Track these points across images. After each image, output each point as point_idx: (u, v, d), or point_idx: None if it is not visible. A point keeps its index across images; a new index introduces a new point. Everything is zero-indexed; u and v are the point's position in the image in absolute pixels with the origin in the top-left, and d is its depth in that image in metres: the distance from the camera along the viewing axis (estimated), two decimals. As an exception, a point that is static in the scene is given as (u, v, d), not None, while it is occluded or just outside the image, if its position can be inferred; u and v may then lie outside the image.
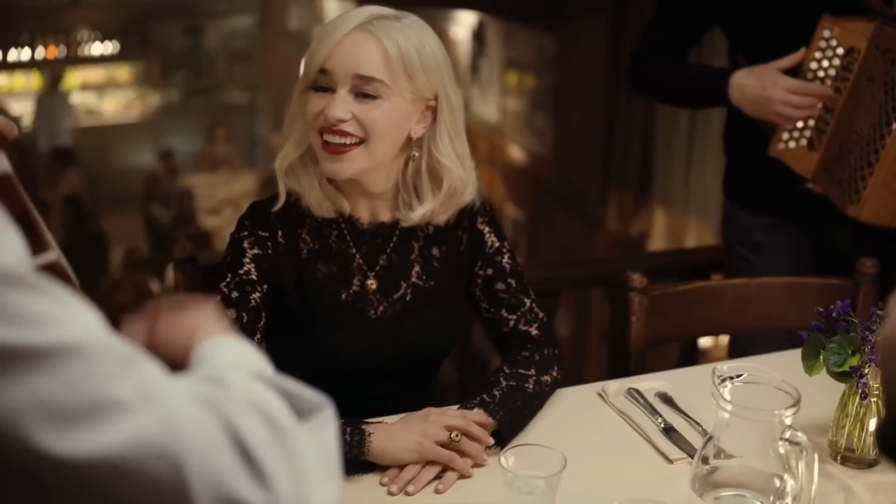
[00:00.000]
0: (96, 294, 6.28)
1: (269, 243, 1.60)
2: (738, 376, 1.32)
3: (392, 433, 1.45)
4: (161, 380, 0.69)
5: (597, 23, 5.85)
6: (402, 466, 1.44)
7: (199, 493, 0.66)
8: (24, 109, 8.96)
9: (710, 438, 1.31)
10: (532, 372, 1.62)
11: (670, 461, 1.50)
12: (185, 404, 0.68)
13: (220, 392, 0.72)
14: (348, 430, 1.43)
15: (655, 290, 1.91)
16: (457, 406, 1.54)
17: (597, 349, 4.73)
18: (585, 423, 1.62)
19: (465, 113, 1.66)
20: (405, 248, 1.67)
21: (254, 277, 1.57)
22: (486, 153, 8.05)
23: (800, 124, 2.06)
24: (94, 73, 9.70)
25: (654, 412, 1.62)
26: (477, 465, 1.47)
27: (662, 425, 1.58)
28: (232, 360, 0.82)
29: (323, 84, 1.52)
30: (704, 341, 3.09)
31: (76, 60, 9.44)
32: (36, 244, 0.76)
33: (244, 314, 1.55)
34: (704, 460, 1.31)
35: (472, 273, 1.72)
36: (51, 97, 9.15)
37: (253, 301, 1.56)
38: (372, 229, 1.65)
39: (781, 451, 1.27)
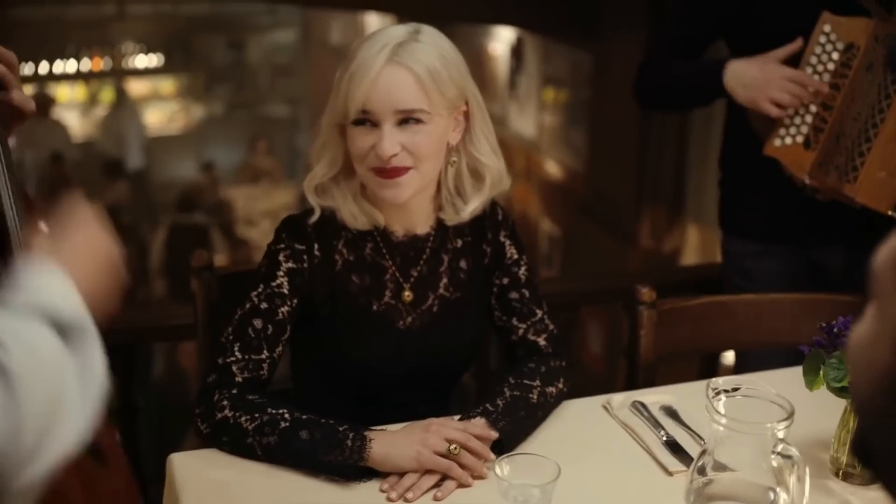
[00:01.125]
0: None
1: (304, 256, 1.62)
2: (735, 390, 1.33)
3: (393, 441, 1.46)
4: None
5: (632, 39, 5.84)
6: (402, 474, 1.45)
7: None
8: (69, 121, 9.13)
9: (705, 451, 1.32)
10: (537, 383, 1.63)
11: (670, 473, 1.51)
12: None
13: None
14: (350, 435, 1.45)
15: (665, 305, 1.91)
16: (458, 417, 1.55)
17: (625, 365, 4.71)
18: (588, 435, 1.62)
19: (503, 128, 1.69)
20: (436, 260, 1.70)
21: (285, 291, 1.61)
22: (522, 168, 8.05)
23: (797, 120, 2.06)
24: (138, 86, 9.86)
25: (657, 425, 1.62)
26: (477, 476, 1.47)
27: (664, 438, 1.59)
28: (30, 299, 0.97)
29: (365, 119, 1.55)
30: (726, 360, 3.07)
31: (121, 73, 9.61)
32: None
33: (269, 326, 1.59)
34: (700, 472, 1.32)
35: (491, 283, 1.75)
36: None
37: (280, 314, 1.60)
38: (406, 242, 1.68)
39: (774, 464, 1.27)
